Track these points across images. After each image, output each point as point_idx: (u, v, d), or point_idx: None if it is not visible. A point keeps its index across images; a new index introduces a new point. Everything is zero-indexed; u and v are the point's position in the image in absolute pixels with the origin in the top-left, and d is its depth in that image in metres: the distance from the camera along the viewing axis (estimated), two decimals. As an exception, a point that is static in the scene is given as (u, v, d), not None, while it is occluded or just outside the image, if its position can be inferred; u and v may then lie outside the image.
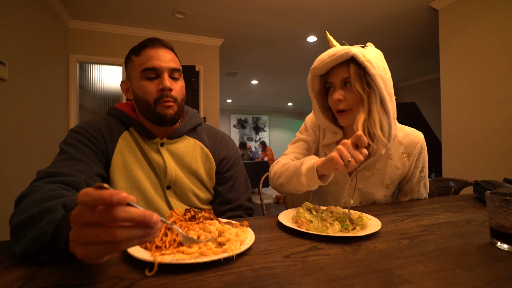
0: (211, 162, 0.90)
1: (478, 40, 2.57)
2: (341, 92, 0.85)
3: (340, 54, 0.80)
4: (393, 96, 0.85)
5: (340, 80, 0.85)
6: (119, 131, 0.82)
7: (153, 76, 0.78)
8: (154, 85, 0.78)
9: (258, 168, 5.66)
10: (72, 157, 0.70)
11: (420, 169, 0.97)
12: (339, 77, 0.85)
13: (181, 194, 0.86)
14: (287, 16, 3.30)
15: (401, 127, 0.98)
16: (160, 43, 0.80)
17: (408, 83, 6.48)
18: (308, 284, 0.38)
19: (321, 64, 0.84)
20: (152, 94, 0.78)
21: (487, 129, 2.51)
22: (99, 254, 0.35)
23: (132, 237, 0.34)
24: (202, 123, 0.96)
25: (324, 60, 0.84)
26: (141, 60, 0.78)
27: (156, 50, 0.78)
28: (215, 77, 4.05)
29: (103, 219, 0.33)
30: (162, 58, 0.78)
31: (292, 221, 0.68)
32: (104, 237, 0.33)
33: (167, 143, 0.85)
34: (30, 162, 2.47)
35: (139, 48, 0.79)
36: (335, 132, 0.96)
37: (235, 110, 10.06)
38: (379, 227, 0.61)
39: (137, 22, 3.45)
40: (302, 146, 1.02)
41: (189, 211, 0.57)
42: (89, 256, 0.35)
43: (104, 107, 3.80)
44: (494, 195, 0.53)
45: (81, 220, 0.34)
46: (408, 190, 1.01)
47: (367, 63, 0.79)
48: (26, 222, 0.47)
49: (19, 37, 2.29)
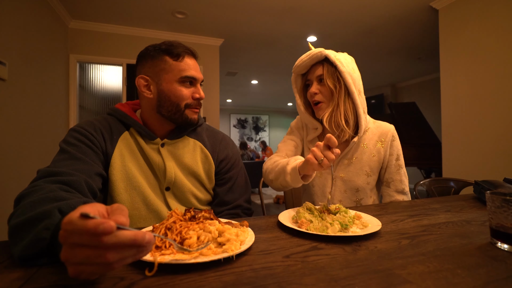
0: (210, 163, 0.90)
1: (478, 40, 2.57)
2: (317, 86, 1.00)
3: (315, 53, 0.97)
4: (362, 92, 1.00)
5: (316, 77, 1.00)
6: (119, 131, 0.83)
7: (189, 84, 0.83)
8: (189, 92, 0.83)
9: (258, 168, 5.66)
10: (72, 156, 0.70)
11: (396, 157, 1.05)
12: (315, 74, 1.00)
13: (180, 196, 0.86)
14: (287, 16, 3.29)
15: (374, 120, 1.10)
16: (194, 54, 0.86)
17: (408, 83, 6.48)
18: (308, 284, 0.38)
19: (300, 62, 1.01)
20: (185, 99, 0.82)
21: (487, 129, 2.51)
22: (93, 273, 0.34)
23: (125, 257, 0.33)
24: (202, 123, 0.97)
25: (303, 59, 1.01)
26: (181, 66, 0.81)
27: (193, 60, 0.84)
28: (215, 77, 4.05)
29: (91, 243, 0.31)
30: (197, 69, 0.85)
31: (292, 221, 0.68)
32: (95, 259, 0.32)
33: (167, 144, 0.86)
34: (30, 162, 2.47)
35: (179, 53, 0.81)
36: (315, 128, 1.08)
37: (235, 110, 10.06)
38: (379, 227, 0.61)
39: (137, 22, 3.45)
40: (291, 144, 1.12)
41: (189, 211, 0.57)
42: (82, 275, 0.34)
43: (104, 107, 3.80)
44: (494, 195, 0.53)
45: (69, 241, 0.33)
46: (389, 180, 1.06)
47: (338, 62, 0.95)
48: (24, 225, 0.47)
49: (19, 37, 2.28)
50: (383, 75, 5.94)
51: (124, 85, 3.61)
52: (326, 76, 0.96)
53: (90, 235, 0.31)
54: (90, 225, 0.30)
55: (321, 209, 0.73)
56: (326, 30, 3.65)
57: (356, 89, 0.96)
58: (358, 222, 0.67)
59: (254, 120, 10.34)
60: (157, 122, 0.85)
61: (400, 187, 1.04)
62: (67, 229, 0.32)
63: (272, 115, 10.61)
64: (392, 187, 1.05)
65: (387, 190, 1.06)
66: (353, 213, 0.72)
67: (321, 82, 0.99)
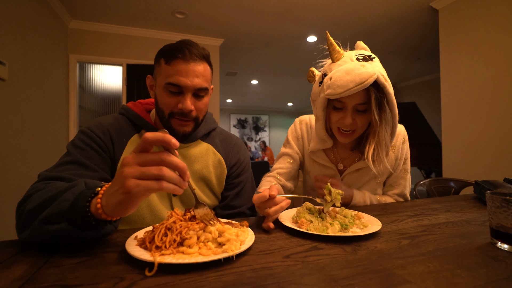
0: (223, 168, 0.89)
1: (478, 40, 2.57)
2: (353, 115, 0.81)
3: (368, 80, 0.71)
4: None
5: (355, 104, 0.79)
6: (130, 134, 0.80)
7: (176, 91, 0.74)
8: (174, 100, 0.75)
9: (258, 168, 5.66)
10: (76, 160, 0.69)
11: (404, 161, 1.00)
12: (354, 101, 0.78)
13: (188, 202, 0.85)
14: (287, 16, 3.29)
15: None
16: (192, 55, 0.74)
17: (408, 83, 6.48)
18: (308, 284, 0.38)
19: (346, 91, 0.73)
20: (169, 107, 0.75)
21: (487, 129, 2.51)
22: (146, 187, 0.42)
23: (172, 178, 0.44)
24: (216, 127, 0.95)
25: (349, 88, 0.72)
26: (169, 70, 0.73)
27: (186, 64, 0.73)
28: (215, 77, 4.05)
29: (155, 159, 0.43)
30: (190, 75, 0.73)
31: (292, 221, 0.68)
32: (154, 171, 0.42)
33: (180, 147, 0.83)
34: (30, 162, 2.47)
35: (170, 56, 0.73)
36: (325, 140, 0.94)
37: (235, 110, 10.06)
38: (379, 227, 0.61)
39: (137, 22, 3.45)
40: (285, 160, 1.04)
41: (189, 211, 0.57)
42: (137, 188, 0.42)
43: (104, 107, 3.80)
44: (494, 195, 0.53)
45: (136, 160, 0.43)
46: (393, 183, 1.02)
47: (387, 83, 0.74)
48: (46, 202, 0.50)
49: (19, 37, 2.28)
50: (383, 75, 5.93)
51: (124, 85, 3.60)
52: (373, 106, 0.77)
53: (164, 144, 0.44)
54: (167, 136, 0.44)
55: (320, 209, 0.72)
56: (326, 30, 3.64)
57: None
58: (359, 222, 0.67)
59: (254, 120, 10.34)
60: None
61: (402, 191, 1.02)
62: (149, 136, 0.43)
63: (272, 115, 10.61)
64: (394, 190, 1.02)
65: (388, 192, 1.04)
66: (353, 213, 0.72)
67: (358, 112, 0.81)
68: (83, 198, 0.47)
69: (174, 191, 0.45)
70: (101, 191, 0.48)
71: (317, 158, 1.00)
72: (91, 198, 0.48)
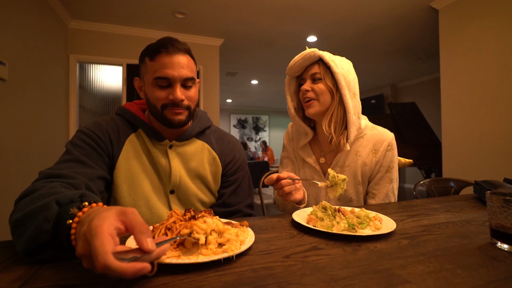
0: (217, 165, 0.90)
1: (478, 40, 2.57)
2: (310, 84, 0.97)
3: (308, 53, 0.94)
4: (357, 95, 0.96)
5: (310, 75, 0.97)
6: (127, 133, 0.82)
7: (165, 85, 0.76)
8: (165, 93, 0.76)
9: (258, 168, 5.65)
10: (76, 158, 0.70)
11: (386, 169, 0.97)
12: (309, 73, 0.98)
13: (185, 199, 0.86)
14: (287, 16, 3.29)
15: (373, 126, 1.03)
16: (175, 48, 0.76)
17: (408, 83, 6.48)
18: (308, 284, 0.38)
19: (293, 63, 0.98)
20: (160, 101, 0.77)
21: (487, 129, 2.51)
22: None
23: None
24: (211, 125, 0.95)
25: (295, 59, 0.98)
26: (154, 66, 0.75)
27: (170, 57, 0.75)
28: (215, 77, 4.04)
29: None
30: (176, 66, 0.75)
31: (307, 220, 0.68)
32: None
33: (176, 145, 0.85)
34: (30, 162, 2.47)
35: (154, 52, 0.75)
36: (306, 133, 1.05)
37: (235, 110, 10.05)
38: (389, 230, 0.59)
39: (137, 22, 3.45)
40: (287, 165, 1.14)
41: (189, 211, 0.57)
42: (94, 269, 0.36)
43: (104, 107, 3.80)
44: (494, 195, 0.53)
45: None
46: (373, 192, 1.00)
47: (332, 63, 0.93)
48: (23, 219, 0.48)
49: (19, 37, 2.28)
50: (383, 75, 5.94)
51: (124, 85, 3.61)
52: (323, 75, 0.94)
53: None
54: (129, 271, 0.34)
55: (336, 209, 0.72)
56: (326, 30, 3.65)
57: (351, 92, 0.93)
58: (372, 224, 0.64)
59: (254, 120, 10.34)
60: (158, 123, 0.84)
61: (383, 200, 0.98)
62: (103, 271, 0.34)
63: (272, 115, 10.60)
64: (375, 200, 0.99)
65: (369, 200, 1.01)
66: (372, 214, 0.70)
67: (315, 81, 0.96)
68: (62, 229, 0.44)
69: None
70: (73, 222, 0.43)
71: (305, 154, 1.06)
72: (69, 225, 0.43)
